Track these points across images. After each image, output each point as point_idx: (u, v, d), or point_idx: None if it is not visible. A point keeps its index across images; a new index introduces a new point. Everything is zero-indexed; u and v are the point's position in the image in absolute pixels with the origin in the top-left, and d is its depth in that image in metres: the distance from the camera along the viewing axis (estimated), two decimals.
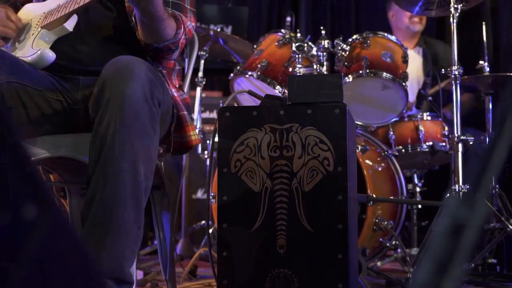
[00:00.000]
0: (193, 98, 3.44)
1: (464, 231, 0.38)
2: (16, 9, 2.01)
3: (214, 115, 4.21)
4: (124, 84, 1.53)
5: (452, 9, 2.58)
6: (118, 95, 1.53)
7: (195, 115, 3.39)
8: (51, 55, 1.81)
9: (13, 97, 1.73)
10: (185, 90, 2.13)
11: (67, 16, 1.81)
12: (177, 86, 1.97)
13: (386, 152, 3.01)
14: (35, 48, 1.82)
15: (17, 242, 0.37)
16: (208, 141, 3.55)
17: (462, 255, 0.38)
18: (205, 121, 4.01)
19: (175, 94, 1.88)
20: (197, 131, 2.00)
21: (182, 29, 1.82)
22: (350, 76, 2.87)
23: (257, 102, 1.81)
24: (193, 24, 1.91)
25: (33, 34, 1.87)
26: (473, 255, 2.36)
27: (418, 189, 3.40)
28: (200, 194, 4.09)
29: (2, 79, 1.70)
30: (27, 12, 1.95)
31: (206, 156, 3.51)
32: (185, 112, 1.88)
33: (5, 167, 0.41)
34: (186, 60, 2.91)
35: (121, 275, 1.54)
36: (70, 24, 1.84)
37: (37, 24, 1.88)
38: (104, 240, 1.51)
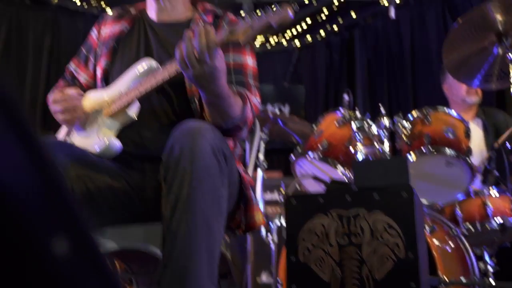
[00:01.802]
0: (254, 179, 3.45)
1: None
2: None
3: (275, 196, 4.20)
4: (193, 141, 1.56)
5: None
6: (188, 151, 1.55)
7: (258, 197, 3.38)
8: (118, 145, 1.86)
9: (82, 189, 1.77)
10: (250, 174, 2.14)
11: (129, 104, 1.87)
12: None
13: (455, 232, 2.92)
14: (101, 138, 1.87)
15: None
16: (270, 223, 3.52)
17: None
18: (267, 203, 3.99)
19: (242, 172, 1.88)
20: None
21: (248, 105, 1.83)
22: (412, 154, 2.84)
23: (321, 184, 1.80)
24: (258, 99, 1.93)
25: (98, 123, 1.93)
26: None
27: (490, 269, 3.26)
28: (264, 277, 4.03)
29: (72, 174, 1.75)
30: (91, 100, 2.00)
31: (270, 239, 3.47)
32: (251, 192, 1.87)
33: (70, 258, 0.40)
34: (247, 143, 2.94)
35: None
36: (133, 111, 1.88)
37: (101, 113, 1.94)
38: None
